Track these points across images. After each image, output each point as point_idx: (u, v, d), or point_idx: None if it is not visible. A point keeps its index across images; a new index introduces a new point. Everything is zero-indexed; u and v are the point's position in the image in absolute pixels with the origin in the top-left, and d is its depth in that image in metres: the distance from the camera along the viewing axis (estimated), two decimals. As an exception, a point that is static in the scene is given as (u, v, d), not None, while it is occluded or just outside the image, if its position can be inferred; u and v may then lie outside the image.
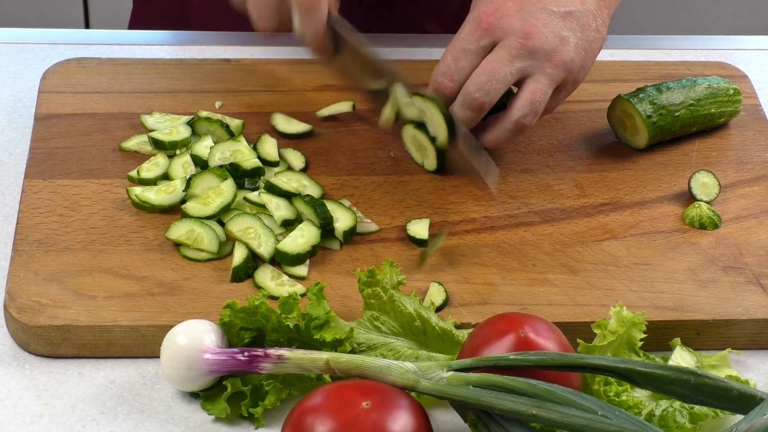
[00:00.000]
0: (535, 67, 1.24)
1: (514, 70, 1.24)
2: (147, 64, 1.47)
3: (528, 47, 1.24)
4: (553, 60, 1.24)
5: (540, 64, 1.24)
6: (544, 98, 1.25)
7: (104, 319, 1.12)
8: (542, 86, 1.25)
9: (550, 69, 1.25)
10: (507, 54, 1.24)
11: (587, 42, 1.27)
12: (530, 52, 1.24)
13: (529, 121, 1.26)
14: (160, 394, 1.09)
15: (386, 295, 1.11)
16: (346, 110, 1.40)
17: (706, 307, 1.18)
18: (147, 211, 1.25)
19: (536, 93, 1.25)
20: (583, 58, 1.27)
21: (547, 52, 1.24)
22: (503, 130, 1.27)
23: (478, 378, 1.01)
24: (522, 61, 1.24)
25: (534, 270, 1.21)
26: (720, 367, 1.12)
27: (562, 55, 1.25)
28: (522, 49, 1.24)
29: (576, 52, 1.26)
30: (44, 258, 1.18)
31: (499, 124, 1.27)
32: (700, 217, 1.28)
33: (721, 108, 1.41)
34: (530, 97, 1.25)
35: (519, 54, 1.24)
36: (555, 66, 1.25)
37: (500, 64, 1.24)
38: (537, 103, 1.25)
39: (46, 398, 1.08)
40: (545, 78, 1.25)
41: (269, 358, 1.04)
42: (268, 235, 1.20)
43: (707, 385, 0.99)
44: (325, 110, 1.40)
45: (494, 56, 1.25)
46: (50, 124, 1.36)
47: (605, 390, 1.06)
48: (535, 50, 1.24)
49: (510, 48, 1.24)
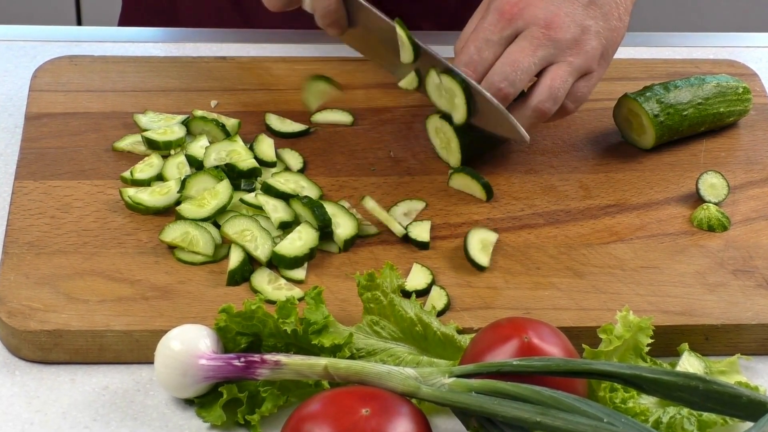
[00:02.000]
0: (557, 56, 1.27)
1: (537, 60, 1.26)
2: (140, 62, 1.47)
3: (551, 37, 1.26)
4: (575, 49, 1.27)
5: (562, 53, 1.27)
6: (563, 85, 1.27)
7: (97, 324, 1.12)
8: (563, 73, 1.27)
9: (572, 58, 1.27)
10: (530, 44, 1.26)
11: (609, 31, 1.29)
12: (553, 42, 1.26)
13: (548, 108, 1.27)
14: (154, 401, 1.09)
15: (386, 300, 1.12)
16: (344, 122, 1.40)
17: (715, 312, 1.18)
18: (141, 212, 1.25)
19: (556, 79, 1.27)
20: (605, 46, 1.29)
21: (569, 42, 1.27)
22: (522, 117, 1.28)
23: (480, 384, 1.01)
24: (545, 50, 1.26)
25: (538, 273, 1.21)
26: (729, 373, 1.12)
27: (584, 44, 1.27)
28: (545, 39, 1.26)
29: (598, 41, 1.28)
30: (35, 261, 1.18)
31: (517, 110, 1.28)
32: (709, 219, 1.28)
33: (730, 107, 1.41)
34: (550, 83, 1.27)
35: (542, 44, 1.26)
36: (577, 55, 1.27)
37: (524, 54, 1.26)
38: (556, 89, 1.27)
39: (36, 405, 1.08)
40: (567, 66, 1.27)
41: (266, 363, 1.04)
42: (265, 238, 1.20)
43: (716, 391, 0.99)
44: (319, 116, 1.40)
45: (517, 46, 1.26)
46: (41, 123, 1.36)
47: (611, 397, 1.06)
48: (558, 40, 1.26)
49: (533, 38, 1.26)
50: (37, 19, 2.79)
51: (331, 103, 1.42)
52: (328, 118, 1.40)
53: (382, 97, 1.44)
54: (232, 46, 1.53)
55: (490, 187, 1.30)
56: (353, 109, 1.42)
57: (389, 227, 1.24)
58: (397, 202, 1.28)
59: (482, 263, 1.21)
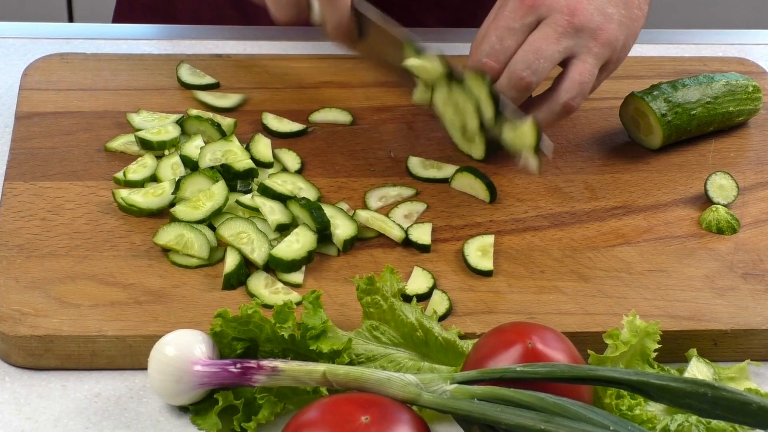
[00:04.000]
0: (581, 45, 1.28)
1: (561, 48, 1.27)
2: (134, 60, 1.47)
3: (574, 24, 1.27)
4: (599, 38, 1.28)
5: (586, 42, 1.28)
6: (591, 79, 1.28)
7: (89, 329, 1.12)
8: (590, 66, 1.28)
9: (597, 48, 1.28)
10: (553, 31, 1.26)
11: (630, 20, 1.30)
12: (576, 30, 1.27)
13: (577, 103, 1.29)
14: (148, 408, 1.09)
15: (386, 304, 1.12)
16: (343, 121, 1.40)
17: (724, 316, 1.18)
18: (134, 214, 1.25)
19: (584, 74, 1.28)
20: (626, 36, 1.30)
21: (592, 30, 1.27)
22: (550, 112, 1.29)
23: (483, 391, 1.01)
24: (569, 39, 1.27)
25: (542, 277, 1.22)
26: (738, 380, 1.12)
27: (607, 33, 1.28)
28: (568, 27, 1.26)
29: (620, 30, 1.29)
30: (25, 264, 1.18)
31: (545, 105, 1.29)
32: (718, 221, 1.28)
33: (740, 106, 1.41)
34: (579, 78, 1.28)
35: (565, 31, 1.27)
36: (601, 45, 1.28)
37: (547, 42, 1.26)
38: (585, 84, 1.28)
39: (27, 412, 1.08)
40: (592, 58, 1.28)
41: (263, 370, 1.04)
42: (261, 240, 1.20)
43: (725, 398, 0.99)
44: (318, 115, 1.40)
45: (540, 33, 1.27)
46: (32, 123, 1.36)
47: (617, 404, 1.06)
48: (581, 27, 1.27)
49: (556, 25, 1.27)
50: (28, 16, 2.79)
51: (330, 102, 1.42)
52: (326, 117, 1.41)
53: (381, 95, 1.45)
54: (228, 44, 1.54)
55: (494, 187, 1.30)
56: (352, 108, 1.42)
57: (387, 235, 1.24)
58: (398, 204, 1.29)
59: (486, 268, 1.21)
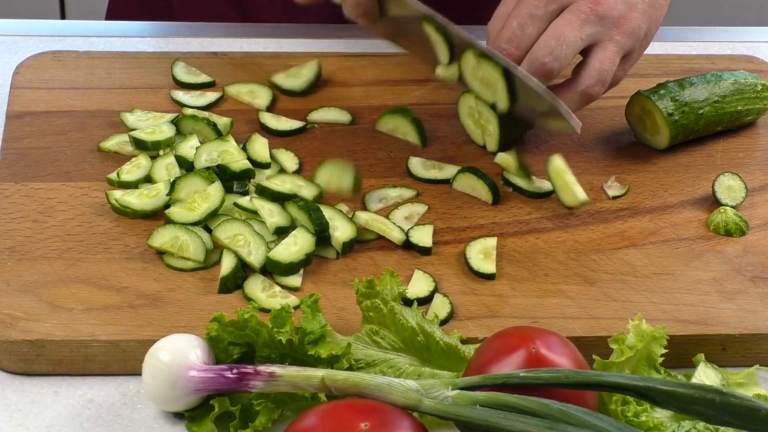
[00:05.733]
0: (604, 34, 1.28)
1: (584, 36, 1.27)
2: (128, 58, 1.47)
3: (598, 12, 1.27)
4: (622, 27, 1.29)
5: (609, 31, 1.28)
6: (612, 67, 1.29)
7: (81, 334, 1.12)
8: (611, 54, 1.29)
9: (619, 36, 1.29)
10: (576, 18, 1.27)
11: (653, 9, 1.31)
12: (600, 18, 1.28)
13: (596, 92, 1.29)
14: (142, 415, 1.09)
15: (386, 308, 1.12)
16: (342, 120, 1.40)
17: (733, 321, 1.18)
18: (128, 216, 1.25)
19: (605, 62, 1.28)
20: (649, 25, 1.31)
21: (616, 19, 1.28)
22: (569, 101, 1.29)
23: (485, 397, 1.01)
24: (592, 26, 1.28)
25: (546, 280, 1.22)
26: (747, 386, 1.12)
27: (630, 22, 1.29)
28: (592, 14, 1.27)
29: (643, 19, 1.30)
30: (17, 267, 1.18)
31: (564, 93, 1.29)
32: (726, 223, 1.28)
33: (749, 105, 1.41)
34: (599, 66, 1.28)
35: (589, 19, 1.27)
36: (624, 34, 1.29)
37: (570, 28, 1.27)
38: (605, 72, 1.28)
39: (18, 419, 1.08)
40: (613, 46, 1.29)
41: (260, 375, 1.04)
42: (258, 243, 1.20)
43: (733, 404, 0.99)
44: (316, 114, 1.40)
45: (563, 20, 1.28)
46: (23, 122, 1.36)
47: (623, 410, 1.06)
48: (604, 15, 1.28)
49: (579, 12, 1.27)
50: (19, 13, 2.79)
51: (329, 101, 1.42)
52: (325, 116, 1.41)
53: (381, 94, 1.45)
54: (224, 41, 1.54)
55: (497, 188, 1.30)
56: (351, 107, 1.42)
57: (387, 237, 1.24)
58: (398, 205, 1.29)
59: (489, 271, 1.21)
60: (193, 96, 1.41)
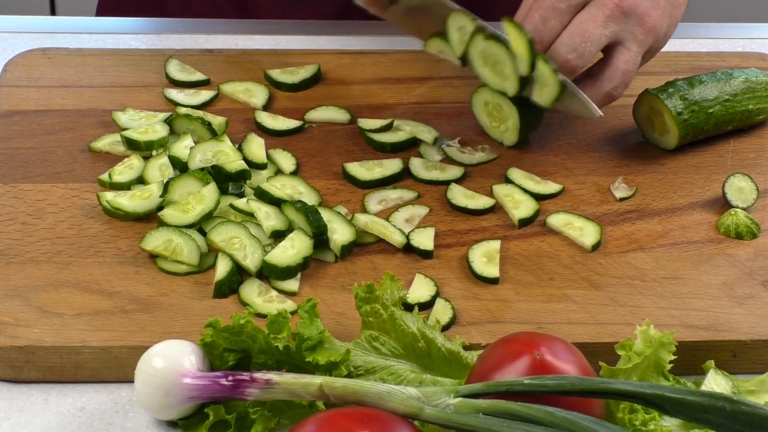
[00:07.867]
0: (627, 32, 1.29)
1: (608, 32, 1.28)
2: (119, 55, 1.47)
3: (622, 8, 1.28)
4: (645, 25, 1.29)
5: (632, 28, 1.29)
6: (635, 68, 1.30)
7: (72, 340, 1.12)
8: (634, 55, 1.30)
9: (642, 35, 1.30)
10: (601, 14, 1.28)
11: (673, 7, 1.33)
12: (624, 13, 1.28)
13: (619, 93, 1.31)
14: (135, 423, 1.09)
15: (387, 313, 1.12)
16: (340, 120, 1.40)
17: (744, 326, 1.18)
18: (120, 218, 1.25)
19: (629, 63, 1.30)
20: (668, 23, 1.33)
21: (639, 15, 1.29)
22: (592, 100, 1.29)
23: (488, 405, 1.01)
24: (615, 23, 1.28)
25: (551, 285, 1.22)
26: (759, 393, 1.12)
27: (653, 19, 1.30)
28: (616, 10, 1.28)
29: (664, 17, 1.31)
30: (5, 271, 1.18)
31: (588, 93, 1.29)
32: (737, 225, 1.28)
33: (760, 104, 1.41)
34: (623, 67, 1.30)
35: (613, 15, 1.28)
36: (646, 32, 1.30)
37: (594, 24, 1.28)
38: (629, 73, 1.30)
39: (6, 427, 1.08)
40: (636, 45, 1.30)
41: (256, 382, 1.04)
42: (254, 246, 1.20)
43: (745, 412, 0.99)
44: (314, 113, 1.40)
45: (587, 14, 1.28)
46: (12, 122, 1.36)
47: (631, 418, 1.06)
48: (628, 11, 1.29)
49: (604, 7, 1.28)
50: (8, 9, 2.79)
51: (327, 100, 1.42)
52: (323, 115, 1.41)
53: (381, 93, 1.45)
54: (219, 38, 1.54)
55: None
56: (350, 106, 1.42)
57: (388, 240, 1.24)
58: (399, 207, 1.29)
59: (492, 275, 1.21)
60: (187, 94, 1.41)
